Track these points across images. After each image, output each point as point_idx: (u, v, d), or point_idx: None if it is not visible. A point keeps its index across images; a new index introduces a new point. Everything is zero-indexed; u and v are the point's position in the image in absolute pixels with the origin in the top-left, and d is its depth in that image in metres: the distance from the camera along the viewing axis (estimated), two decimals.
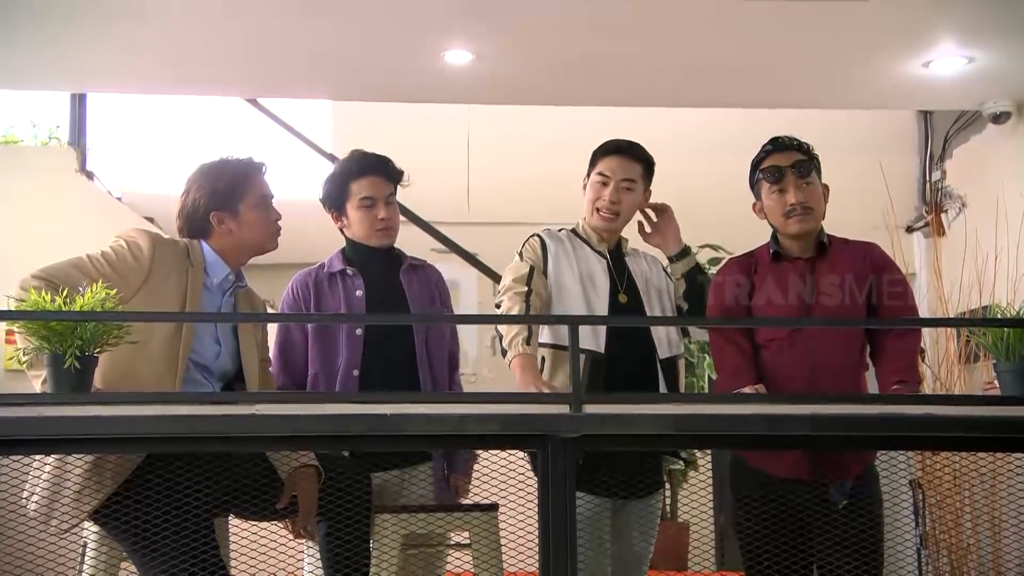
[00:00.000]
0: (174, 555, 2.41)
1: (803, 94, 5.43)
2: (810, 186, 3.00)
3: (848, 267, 2.97)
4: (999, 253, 5.15)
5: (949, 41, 4.65)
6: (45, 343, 2.17)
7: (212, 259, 2.77)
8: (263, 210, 2.83)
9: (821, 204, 3.02)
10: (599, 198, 3.15)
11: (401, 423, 2.23)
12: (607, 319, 3.09)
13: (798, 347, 2.93)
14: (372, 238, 3.15)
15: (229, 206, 2.78)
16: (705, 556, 5.38)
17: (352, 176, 3.15)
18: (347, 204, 3.16)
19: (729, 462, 3.09)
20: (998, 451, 2.69)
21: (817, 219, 3.01)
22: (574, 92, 5.35)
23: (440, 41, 4.65)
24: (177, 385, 2.58)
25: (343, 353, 3.04)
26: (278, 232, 2.87)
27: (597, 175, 3.16)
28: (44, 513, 2.44)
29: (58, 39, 4.56)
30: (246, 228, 2.79)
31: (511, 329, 2.95)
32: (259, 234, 2.82)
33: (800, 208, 2.97)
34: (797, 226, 2.98)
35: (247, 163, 2.86)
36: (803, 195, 2.98)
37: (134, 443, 2.29)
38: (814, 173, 3.03)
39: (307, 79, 5.26)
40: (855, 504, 2.84)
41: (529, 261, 3.11)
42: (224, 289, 2.80)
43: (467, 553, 2.76)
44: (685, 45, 4.73)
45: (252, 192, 2.81)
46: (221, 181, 2.79)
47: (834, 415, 2.30)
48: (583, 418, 2.24)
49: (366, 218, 3.13)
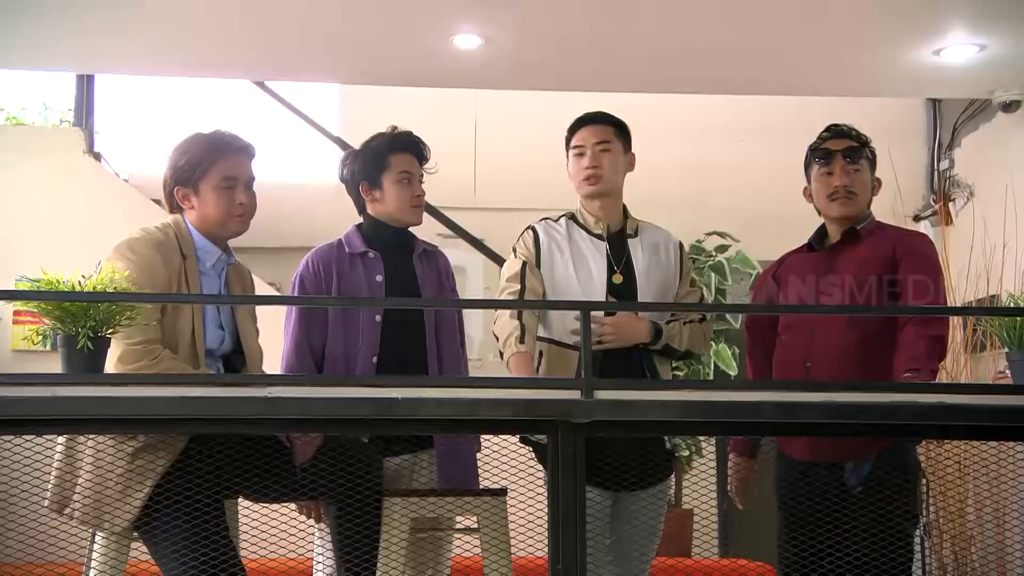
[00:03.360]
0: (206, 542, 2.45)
1: (812, 81, 5.41)
2: (858, 173, 3.04)
3: (871, 256, 2.97)
4: (1007, 242, 5.14)
5: (960, 29, 4.63)
6: (59, 323, 2.17)
7: (201, 243, 2.75)
8: (223, 192, 2.75)
9: (867, 192, 3.07)
10: (580, 168, 3.14)
11: (413, 407, 2.23)
12: (615, 304, 3.07)
13: (799, 335, 2.98)
14: (407, 213, 3.15)
15: (190, 183, 2.74)
16: (710, 543, 5.40)
17: (392, 149, 3.14)
18: (383, 177, 3.13)
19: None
20: (1011, 440, 2.69)
21: (859, 205, 3.04)
22: (583, 77, 5.33)
23: (449, 25, 4.63)
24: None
25: (363, 339, 3.04)
26: (241, 216, 2.78)
27: (572, 149, 3.17)
28: (95, 516, 2.45)
29: (66, 19, 4.54)
30: (205, 207, 2.75)
31: (505, 329, 2.95)
32: (217, 215, 2.75)
33: (844, 191, 3.02)
34: (839, 208, 3.03)
35: (219, 141, 2.78)
36: (849, 179, 3.02)
37: (146, 424, 2.30)
38: (864, 161, 3.07)
39: (315, 62, 5.24)
40: (872, 490, 2.83)
41: (522, 257, 3.11)
42: (219, 270, 2.79)
43: (475, 538, 2.77)
44: (694, 30, 4.71)
45: (215, 172, 2.74)
46: (184, 157, 2.75)
47: (844, 403, 2.31)
48: (594, 404, 2.24)
49: (403, 192, 3.12)
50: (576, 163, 3.16)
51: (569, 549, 2.23)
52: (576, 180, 3.17)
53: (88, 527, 2.52)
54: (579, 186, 3.16)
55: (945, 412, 2.30)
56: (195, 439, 2.52)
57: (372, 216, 3.17)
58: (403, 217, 3.15)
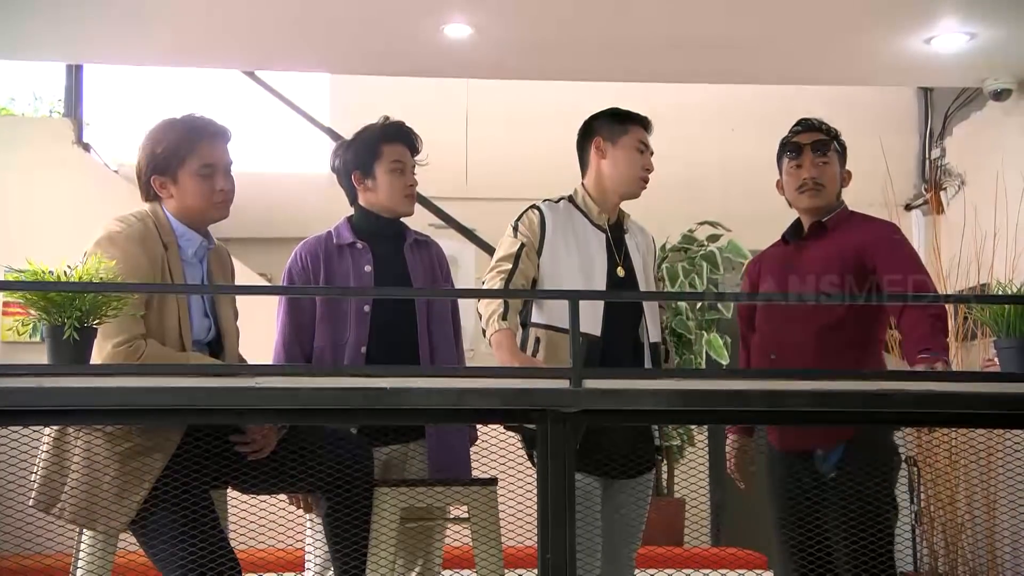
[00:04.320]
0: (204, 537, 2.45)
1: (803, 70, 5.41)
2: (826, 165, 3.10)
3: (835, 249, 3.02)
4: (998, 231, 5.15)
5: (951, 17, 4.63)
6: (44, 314, 2.16)
7: (181, 231, 2.71)
8: (204, 179, 2.71)
9: (835, 184, 3.12)
10: (642, 167, 3.13)
11: (401, 397, 2.23)
12: (607, 294, 3.07)
13: (769, 326, 3.10)
14: (400, 203, 3.14)
15: (168, 171, 2.70)
16: (701, 532, 5.41)
17: (385, 139, 3.13)
18: (376, 166, 3.12)
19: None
20: (999, 427, 2.70)
21: (827, 197, 3.10)
22: (574, 67, 5.32)
23: (440, 14, 4.61)
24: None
25: (351, 329, 3.03)
26: (222, 202, 2.75)
27: (638, 142, 3.14)
28: (86, 517, 2.44)
29: (55, 9, 4.52)
30: (184, 195, 2.71)
31: (488, 307, 2.93)
32: (197, 203, 2.71)
33: (812, 183, 3.08)
34: (808, 200, 3.09)
35: (195, 127, 2.75)
36: (817, 172, 3.08)
37: (132, 415, 2.29)
38: (832, 154, 3.12)
39: (306, 52, 5.22)
40: (846, 475, 2.87)
41: (522, 238, 3.07)
42: (200, 257, 2.77)
43: (466, 527, 2.77)
44: (685, 19, 4.70)
45: (194, 159, 2.70)
46: (160, 145, 2.70)
47: (833, 391, 2.31)
48: (583, 393, 2.24)
49: (396, 182, 3.11)
50: (635, 158, 3.13)
51: (558, 539, 2.23)
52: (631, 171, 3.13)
53: (80, 526, 2.50)
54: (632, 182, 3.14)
55: (932, 400, 2.30)
56: (189, 434, 2.51)
57: (363, 207, 3.16)
58: (395, 207, 3.14)
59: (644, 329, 3.09)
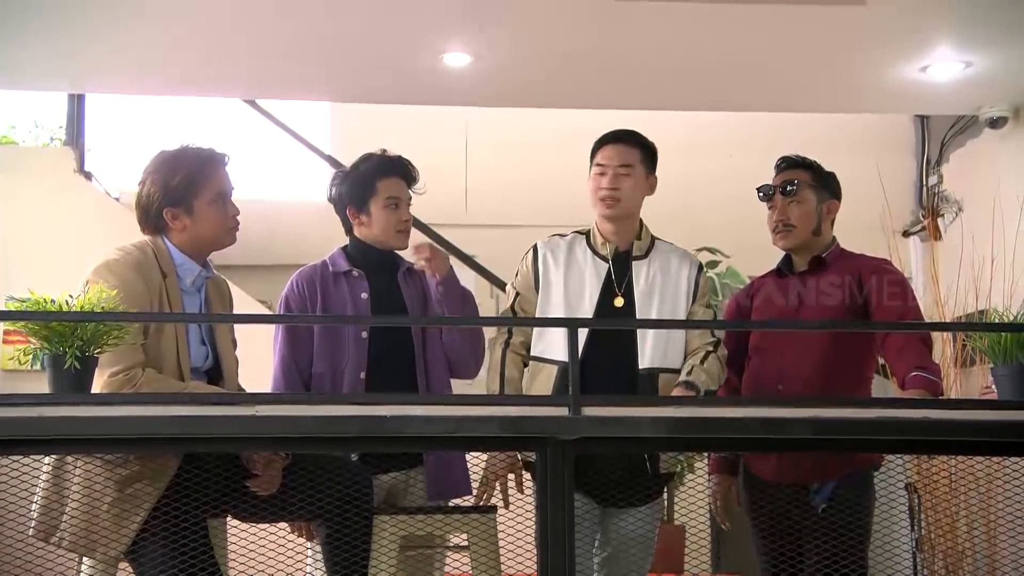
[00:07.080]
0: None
1: (801, 97, 5.44)
2: (798, 205, 3.12)
3: (837, 282, 3.06)
4: (995, 257, 5.16)
5: (947, 46, 4.66)
6: (46, 343, 2.17)
7: (181, 260, 2.73)
8: (219, 206, 2.75)
9: (808, 222, 3.12)
10: (599, 188, 3.11)
11: (401, 425, 2.23)
12: (602, 322, 3.05)
13: (771, 356, 3.09)
14: (393, 239, 3.16)
15: (183, 202, 2.71)
16: (702, 559, 5.39)
17: (380, 174, 3.14)
18: (371, 202, 3.14)
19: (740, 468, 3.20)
20: (996, 455, 2.70)
21: (799, 235, 3.12)
22: (573, 94, 5.36)
23: (439, 43, 4.65)
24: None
25: (349, 355, 3.05)
26: (235, 228, 2.80)
27: (595, 166, 3.14)
28: (84, 545, 2.44)
29: (57, 39, 4.56)
30: (201, 224, 2.72)
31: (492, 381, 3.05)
32: (214, 231, 2.75)
33: (781, 225, 3.12)
34: (780, 241, 3.15)
35: (205, 157, 2.77)
36: (785, 214, 3.12)
37: (132, 444, 2.30)
38: (806, 191, 3.12)
39: (306, 81, 5.26)
40: (835, 508, 2.92)
41: (517, 287, 3.16)
42: (198, 286, 2.78)
43: (465, 555, 2.76)
44: (683, 48, 4.74)
45: (209, 188, 2.73)
46: (176, 177, 2.71)
47: (832, 418, 2.31)
48: (582, 420, 2.25)
49: (390, 218, 3.13)
50: (596, 181, 3.12)
51: (558, 567, 2.23)
52: (593, 197, 3.14)
53: (79, 555, 2.50)
54: (595, 204, 3.14)
55: (930, 427, 2.31)
56: (187, 462, 2.51)
57: (358, 238, 3.19)
58: (388, 241, 3.17)
59: (639, 356, 3.03)
